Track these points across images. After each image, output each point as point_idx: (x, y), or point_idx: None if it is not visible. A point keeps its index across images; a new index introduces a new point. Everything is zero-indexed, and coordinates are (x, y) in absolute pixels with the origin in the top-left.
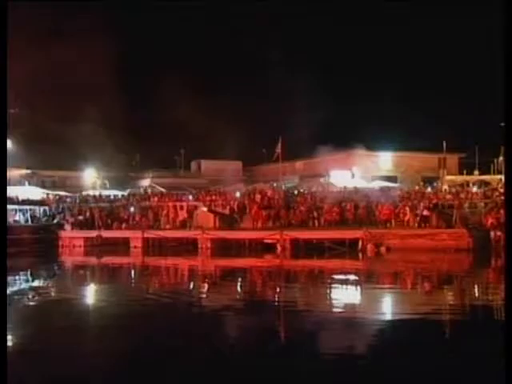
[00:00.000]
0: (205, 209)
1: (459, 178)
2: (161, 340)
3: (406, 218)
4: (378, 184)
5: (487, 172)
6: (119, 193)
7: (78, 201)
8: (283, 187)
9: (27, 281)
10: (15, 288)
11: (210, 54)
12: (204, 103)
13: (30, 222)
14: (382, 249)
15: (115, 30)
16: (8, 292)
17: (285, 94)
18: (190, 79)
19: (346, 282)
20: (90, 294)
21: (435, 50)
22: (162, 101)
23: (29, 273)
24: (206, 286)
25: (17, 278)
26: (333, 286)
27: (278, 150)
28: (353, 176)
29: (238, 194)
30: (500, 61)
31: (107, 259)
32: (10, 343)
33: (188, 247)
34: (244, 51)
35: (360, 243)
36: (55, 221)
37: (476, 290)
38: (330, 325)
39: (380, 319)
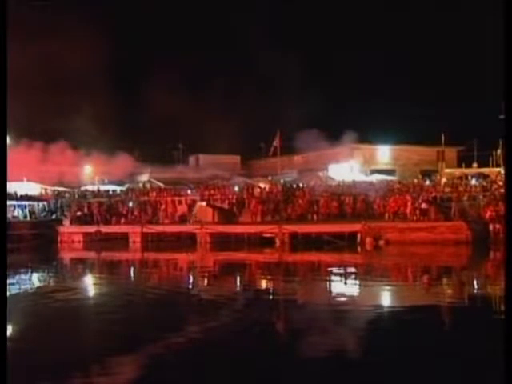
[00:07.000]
0: (203, 203)
1: (458, 171)
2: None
3: (407, 211)
4: (377, 177)
5: (486, 165)
6: (118, 188)
7: (76, 196)
8: (282, 181)
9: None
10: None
11: (207, 47)
12: (202, 97)
13: (28, 218)
14: (381, 242)
15: (115, 28)
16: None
17: (283, 87)
18: (189, 74)
19: (345, 275)
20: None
21: (435, 43)
22: (159, 95)
23: (31, 270)
24: (207, 279)
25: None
26: (332, 278)
27: (276, 143)
28: (351, 169)
29: (236, 189)
30: (500, 53)
31: (107, 254)
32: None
33: (187, 242)
34: (243, 44)
35: (359, 237)
36: (54, 216)
37: (474, 282)
38: (332, 316)
39: (379, 310)
